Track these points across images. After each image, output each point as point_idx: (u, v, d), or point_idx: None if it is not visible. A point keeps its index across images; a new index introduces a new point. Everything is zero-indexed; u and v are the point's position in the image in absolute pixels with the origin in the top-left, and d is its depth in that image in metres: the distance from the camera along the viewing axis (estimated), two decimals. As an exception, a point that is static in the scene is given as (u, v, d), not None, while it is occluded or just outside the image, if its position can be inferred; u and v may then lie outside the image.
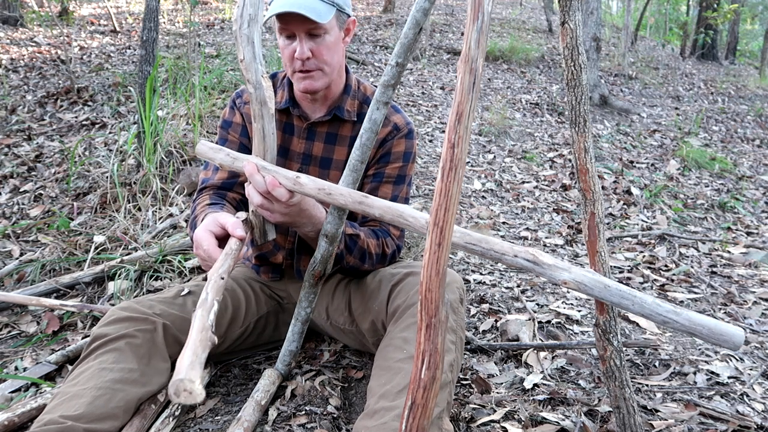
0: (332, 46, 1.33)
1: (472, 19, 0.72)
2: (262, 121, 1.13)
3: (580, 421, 1.30)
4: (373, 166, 1.44)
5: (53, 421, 1.02)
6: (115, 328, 1.20)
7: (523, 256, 0.92)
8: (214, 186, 1.44)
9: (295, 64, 1.32)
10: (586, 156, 1.06)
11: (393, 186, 1.44)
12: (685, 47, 11.19)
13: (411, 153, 1.46)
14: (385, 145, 1.43)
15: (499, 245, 0.94)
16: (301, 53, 1.29)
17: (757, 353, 1.76)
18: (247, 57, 1.09)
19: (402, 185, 1.45)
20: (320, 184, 1.09)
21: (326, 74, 1.35)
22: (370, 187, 1.43)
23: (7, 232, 2.35)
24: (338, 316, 1.48)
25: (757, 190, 4.40)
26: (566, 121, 5.47)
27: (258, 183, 1.11)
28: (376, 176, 1.44)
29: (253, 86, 1.11)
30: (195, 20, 7.22)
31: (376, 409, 1.08)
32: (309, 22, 1.26)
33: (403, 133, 1.44)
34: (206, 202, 1.37)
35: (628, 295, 0.88)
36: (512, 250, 0.93)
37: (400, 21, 8.66)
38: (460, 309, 1.30)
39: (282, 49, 1.34)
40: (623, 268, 2.54)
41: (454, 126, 0.73)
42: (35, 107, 3.98)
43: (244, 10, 1.06)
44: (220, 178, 1.44)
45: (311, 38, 1.30)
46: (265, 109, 1.13)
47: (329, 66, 1.34)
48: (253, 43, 1.08)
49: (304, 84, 1.34)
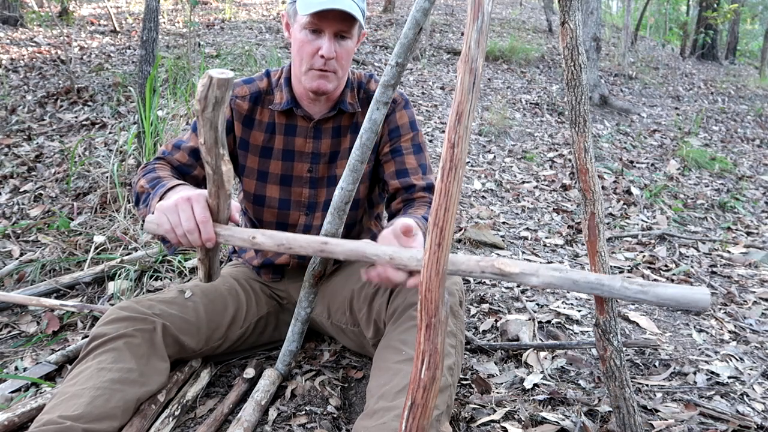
0: (351, 52, 1.35)
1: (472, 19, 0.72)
2: (218, 200, 1.07)
3: (580, 421, 1.30)
4: (387, 143, 1.45)
5: (52, 422, 1.02)
6: (114, 327, 1.20)
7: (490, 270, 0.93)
8: (170, 163, 1.39)
9: (315, 61, 1.31)
10: (586, 156, 1.06)
11: (415, 156, 1.43)
12: (685, 47, 11.19)
13: (415, 121, 1.48)
14: (390, 120, 1.44)
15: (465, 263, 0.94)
16: (329, 52, 1.29)
17: (757, 353, 1.76)
18: (208, 141, 0.98)
19: (421, 153, 1.46)
20: (278, 240, 1.05)
21: (338, 78, 1.35)
22: (397, 163, 1.42)
23: (7, 232, 2.35)
24: (340, 315, 1.48)
25: (757, 190, 4.40)
26: (566, 121, 5.47)
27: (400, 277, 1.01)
28: (394, 152, 1.44)
29: (212, 170, 1.02)
30: (195, 20, 7.22)
31: (376, 409, 1.08)
32: (344, 22, 1.27)
33: (401, 104, 1.46)
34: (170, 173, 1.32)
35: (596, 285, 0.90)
36: (478, 266, 0.94)
37: (400, 21, 8.66)
38: (459, 312, 1.30)
39: (302, 43, 1.31)
40: (623, 268, 2.54)
41: (454, 126, 0.73)
42: (35, 107, 3.98)
43: (210, 91, 0.92)
44: (179, 160, 1.39)
45: (338, 39, 1.30)
46: (222, 191, 1.06)
47: (343, 70, 1.35)
48: (216, 129, 0.97)
49: (317, 83, 1.33)
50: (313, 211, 1.47)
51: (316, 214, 1.47)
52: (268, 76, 1.46)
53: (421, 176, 1.41)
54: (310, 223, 1.48)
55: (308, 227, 1.48)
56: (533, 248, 2.67)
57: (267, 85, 1.44)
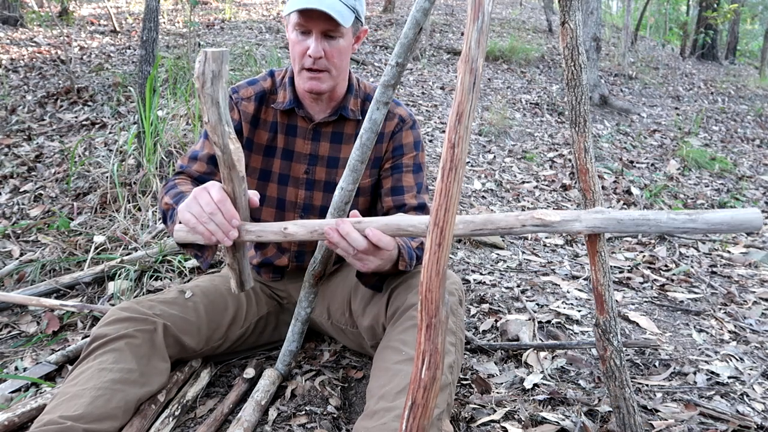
0: (344, 51, 1.34)
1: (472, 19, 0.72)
2: (232, 185, 1.06)
3: (580, 421, 1.30)
4: (389, 159, 1.45)
5: (53, 422, 1.02)
6: (115, 328, 1.20)
7: (531, 223, 0.92)
8: (190, 175, 1.40)
9: (305, 61, 1.31)
10: (586, 156, 1.06)
11: (413, 175, 1.45)
12: (685, 47, 11.19)
13: (420, 142, 1.49)
14: (395, 138, 1.45)
15: (504, 221, 0.94)
16: (316, 51, 1.29)
17: (757, 353, 1.76)
18: (212, 120, 0.98)
19: (421, 173, 1.47)
20: (310, 227, 1.04)
21: (332, 77, 1.35)
22: (393, 180, 1.44)
23: (7, 232, 2.35)
24: (339, 316, 1.48)
25: (757, 190, 4.40)
26: (566, 121, 5.47)
27: (357, 242, 1.03)
28: (395, 168, 1.45)
29: (221, 150, 1.01)
30: (195, 20, 7.22)
31: (376, 409, 1.08)
32: (329, 22, 1.26)
33: (408, 124, 1.47)
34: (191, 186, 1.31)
35: (642, 221, 0.89)
36: (518, 221, 0.93)
37: (400, 21, 8.66)
38: (459, 311, 1.30)
39: (293, 44, 1.32)
40: (623, 268, 2.54)
41: (454, 126, 0.73)
42: (35, 107, 3.98)
43: (206, 65, 0.93)
44: (198, 171, 1.40)
45: (326, 38, 1.30)
46: (234, 173, 1.05)
47: (337, 69, 1.35)
48: (218, 104, 0.97)
49: (309, 84, 1.33)
50: (308, 213, 1.47)
51: (312, 216, 1.46)
52: (272, 76, 1.46)
53: (414, 195, 1.43)
54: None
55: None
56: (533, 248, 2.67)
57: (271, 84, 1.45)
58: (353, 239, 1.03)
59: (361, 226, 1.04)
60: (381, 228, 1.02)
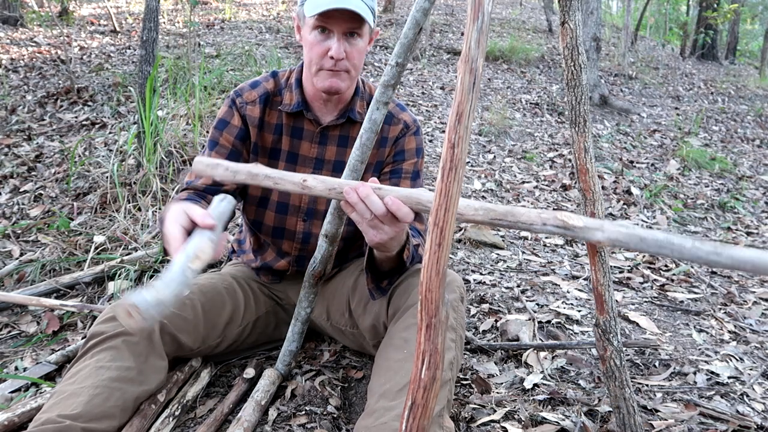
0: (362, 51, 1.33)
1: (472, 19, 0.72)
2: None
3: (580, 421, 1.30)
4: (389, 164, 1.46)
5: (51, 420, 1.02)
6: (112, 326, 1.19)
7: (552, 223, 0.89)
8: (196, 189, 1.38)
9: (325, 61, 1.30)
10: (586, 156, 1.06)
11: (411, 182, 1.45)
12: (685, 47, 11.19)
13: (421, 149, 1.49)
14: (398, 143, 1.45)
15: (525, 215, 0.91)
16: (339, 52, 1.27)
17: (757, 353, 1.76)
18: None
19: (418, 180, 1.48)
20: (330, 184, 1.02)
21: (351, 77, 1.34)
22: (391, 184, 1.43)
23: (7, 232, 2.35)
24: (339, 317, 1.48)
25: (757, 190, 4.40)
26: (566, 121, 5.47)
27: (376, 205, 0.99)
28: (393, 173, 1.45)
29: None
30: (195, 20, 7.22)
31: (376, 408, 1.08)
32: (353, 21, 1.26)
33: (412, 130, 1.47)
34: (182, 198, 1.31)
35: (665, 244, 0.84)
36: (540, 218, 0.90)
37: (400, 21, 8.66)
38: (460, 307, 1.30)
39: (312, 44, 1.30)
40: (623, 268, 2.54)
41: (454, 126, 0.73)
42: (35, 107, 3.98)
43: None
44: (205, 183, 1.37)
45: (347, 39, 1.29)
46: None
47: (355, 70, 1.34)
48: None
49: (330, 81, 1.31)
50: (312, 218, 1.45)
51: (315, 221, 1.45)
52: (275, 77, 1.44)
53: None
54: (308, 230, 1.46)
55: (307, 234, 1.46)
56: (533, 248, 2.67)
57: (274, 86, 1.43)
58: (372, 202, 0.99)
59: (382, 193, 1.00)
60: (401, 199, 0.99)
